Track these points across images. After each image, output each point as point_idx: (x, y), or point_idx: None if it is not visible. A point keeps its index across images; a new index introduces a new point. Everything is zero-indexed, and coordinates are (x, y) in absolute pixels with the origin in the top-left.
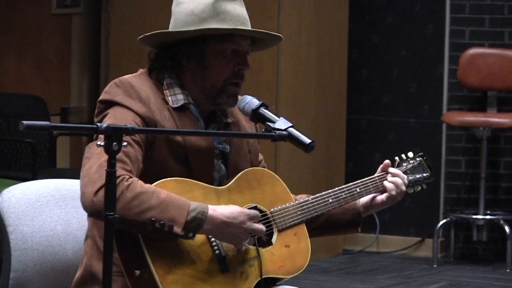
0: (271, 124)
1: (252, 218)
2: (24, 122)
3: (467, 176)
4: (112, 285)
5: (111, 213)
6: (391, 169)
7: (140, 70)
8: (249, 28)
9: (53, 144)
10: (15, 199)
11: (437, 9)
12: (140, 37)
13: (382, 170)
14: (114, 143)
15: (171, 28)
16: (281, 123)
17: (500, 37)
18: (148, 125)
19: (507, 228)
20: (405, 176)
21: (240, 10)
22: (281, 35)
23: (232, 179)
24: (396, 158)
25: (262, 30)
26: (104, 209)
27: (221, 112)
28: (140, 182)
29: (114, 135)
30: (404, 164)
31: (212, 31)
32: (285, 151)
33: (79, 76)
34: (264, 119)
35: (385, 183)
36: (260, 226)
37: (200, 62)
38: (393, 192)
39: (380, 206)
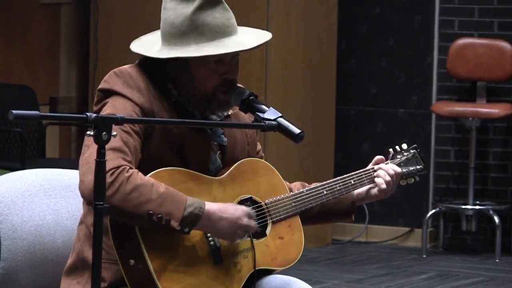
0: (260, 114)
1: (248, 215)
2: (14, 111)
3: (456, 166)
4: (103, 273)
5: (101, 203)
6: (382, 165)
7: (138, 61)
8: (232, 34)
9: (42, 133)
10: (4, 188)
11: None
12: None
13: (376, 163)
14: (104, 133)
15: (161, 30)
16: (271, 113)
17: (489, 27)
18: (147, 115)
19: (496, 218)
20: (399, 170)
21: (220, 17)
22: (266, 37)
23: (227, 170)
24: (390, 150)
25: (237, 50)
26: (93, 198)
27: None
28: (140, 174)
29: (104, 125)
30: (398, 156)
31: (185, 56)
32: (273, 141)
33: (68, 65)
34: (254, 109)
35: (376, 179)
36: (254, 223)
37: (185, 73)
38: (383, 186)
39: (373, 198)
